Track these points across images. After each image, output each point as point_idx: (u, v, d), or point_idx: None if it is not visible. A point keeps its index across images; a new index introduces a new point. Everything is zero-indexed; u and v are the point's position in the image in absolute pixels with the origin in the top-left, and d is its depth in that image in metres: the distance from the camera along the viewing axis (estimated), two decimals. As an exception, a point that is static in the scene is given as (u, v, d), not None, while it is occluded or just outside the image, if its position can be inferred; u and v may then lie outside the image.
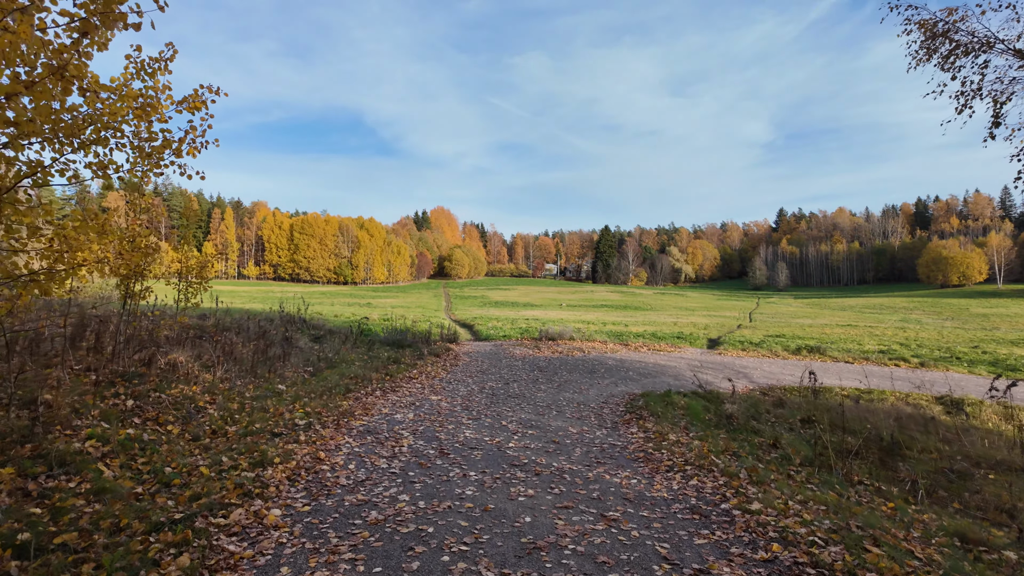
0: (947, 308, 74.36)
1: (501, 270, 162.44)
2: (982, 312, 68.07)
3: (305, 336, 15.66)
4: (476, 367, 13.54)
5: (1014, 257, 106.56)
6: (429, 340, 17.25)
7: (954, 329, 41.20)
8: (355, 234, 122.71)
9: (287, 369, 11.48)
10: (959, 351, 23.06)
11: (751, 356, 18.23)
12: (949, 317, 59.96)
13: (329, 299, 67.37)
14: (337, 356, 13.54)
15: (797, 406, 10.72)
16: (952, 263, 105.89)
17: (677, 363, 15.53)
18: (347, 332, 16.60)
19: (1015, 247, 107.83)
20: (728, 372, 14.22)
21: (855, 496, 5.65)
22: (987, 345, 26.39)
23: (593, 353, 16.85)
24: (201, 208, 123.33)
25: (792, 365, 16.10)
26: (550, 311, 53.87)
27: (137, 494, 5.33)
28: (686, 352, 18.68)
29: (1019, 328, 47.42)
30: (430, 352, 15.03)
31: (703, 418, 9.01)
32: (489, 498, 5.02)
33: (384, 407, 8.95)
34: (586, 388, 11.33)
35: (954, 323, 51.82)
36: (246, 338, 13.42)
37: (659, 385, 12.20)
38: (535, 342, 19.06)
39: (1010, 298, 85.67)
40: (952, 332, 35.83)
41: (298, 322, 16.44)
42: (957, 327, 45.11)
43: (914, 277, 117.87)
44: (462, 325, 32.21)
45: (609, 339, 21.15)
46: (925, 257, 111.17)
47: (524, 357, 15.51)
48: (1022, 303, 78.48)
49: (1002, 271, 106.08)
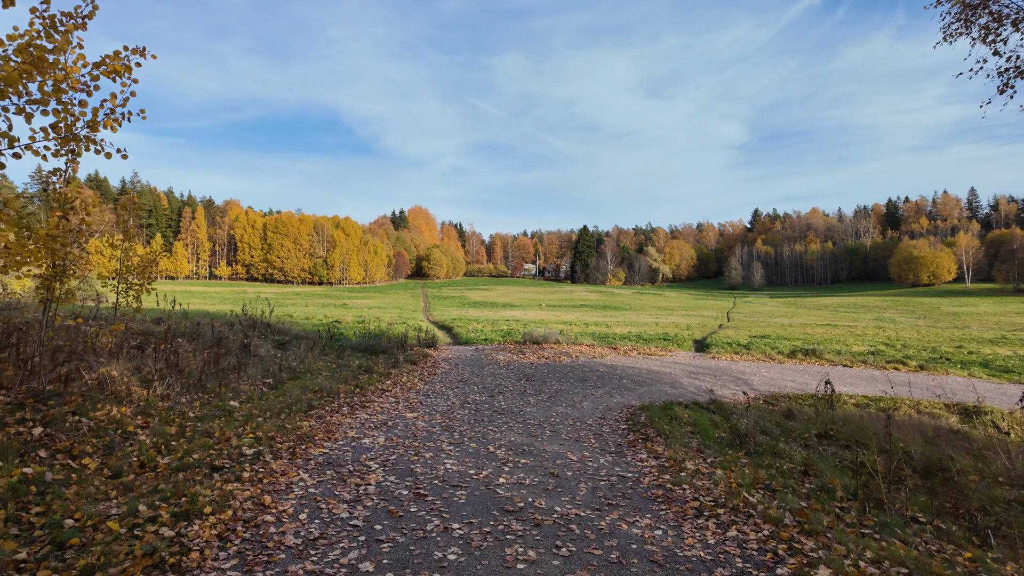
0: (919, 307, 75.90)
1: (480, 270, 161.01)
2: (953, 311, 69.56)
3: (268, 342, 14.27)
4: (457, 376, 12.34)
5: (981, 257, 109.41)
6: (405, 345, 15.99)
7: (929, 328, 41.55)
8: (330, 233, 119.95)
9: (243, 382, 10.12)
10: (944, 351, 22.69)
11: (745, 360, 17.42)
12: (921, 316, 61.03)
13: (303, 300, 65.26)
14: (302, 365, 12.20)
15: (809, 418, 9.81)
16: (923, 263, 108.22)
17: (671, 369, 14.59)
18: (315, 337, 15.24)
19: (982, 247, 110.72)
20: (726, 378, 13.31)
21: (922, 543, 4.65)
22: (969, 344, 26.19)
23: (581, 358, 15.79)
24: (171, 207, 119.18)
25: (791, 370, 15.30)
26: (530, 311, 53.06)
27: (19, 562, 4.04)
28: (678, 356, 17.78)
29: (988, 326, 48.27)
30: (406, 359, 13.79)
31: (714, 436, 8.00)
32: (478, 565, 3.87)
33: (351, 428, 7.70)
34: (579, 400, 10.24)
35: (927, 321, 52.55)
36: (200, 345, 12.00)
37: (657, 395, 11.19)
38: (519, 346, 17.94)
39: (978, 296, 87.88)
40: (929, 331, 35.89)
41: (261, 326, 15.01)
42: (931, 325, 45.66)
43: (886, 276, 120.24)
44: (441, 327, 30.92)
45: (595, 342, 20.17)
46: (897, 257, 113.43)
47: (508, 364, 14.37)
48: (990, 301, 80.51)
49: (970, 270, 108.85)
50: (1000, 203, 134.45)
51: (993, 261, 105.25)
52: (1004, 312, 68.02)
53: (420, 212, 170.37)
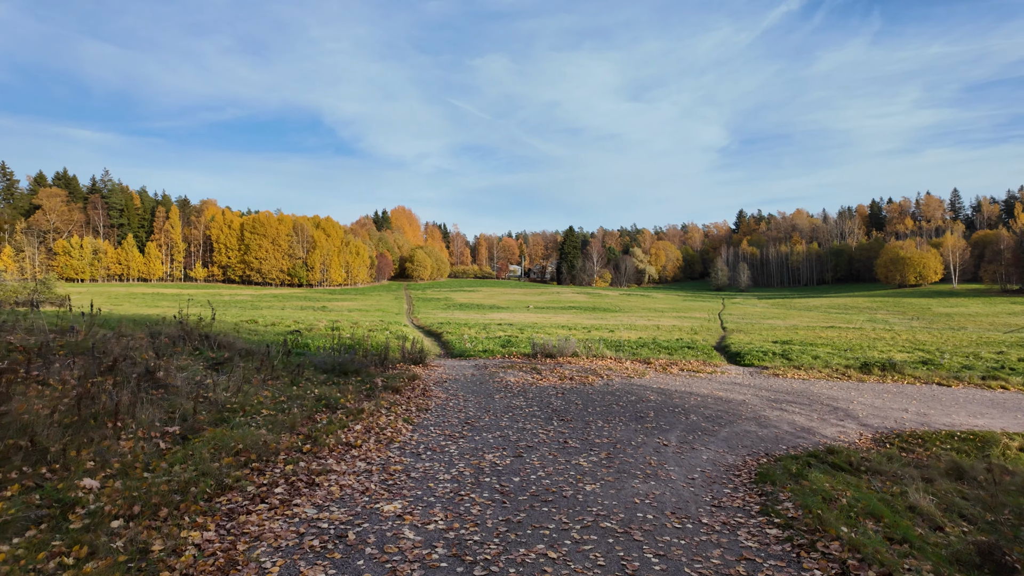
0: (909, 308, 74.78)
1: (464, 271, 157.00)
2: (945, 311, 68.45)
3: (200, 361, 10.47)
4: (457, 412, 8.77)
5: (968, 257, 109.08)
6: (386, 361, 12.35)
7: (923, 328, 39.90)
8: (310, 234, 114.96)
9: (127, 434, 6.43)
10: (986, 356, 19.77)
11: (812, 377, 14.05)
12: (914, 317, 59.52)
13: (279, 303, 60.95)
14: (237, 398, 8.50)
15: (990, 480, 6.50)
16: (909, 263, 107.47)
17: (739, 394, 11.14)
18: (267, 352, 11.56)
19: (968, 247, 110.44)
20: (816, 407, 9.96)
21: None
22: (1011, 351, 23.31)
23: (614, 379, 12.27)
24: (144, 206, 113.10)
25: (886, 392, 11.98)
26: (518, 313, 50.01)
27: None
28: (729, 373, 14.33)
29: (985, 327, 46.65)
30: (386, 384, 10.15)
31: (914, 535, 4.61)
32: None
33: (276, 552, 4.09)
34: (655, 459, 6.70)
35: (921, 323, 50.79)
36: (93, 369, 8.22)
37: (747, 440, 7.77)
38: (529, 361, 14.40)
39: (966, 297, 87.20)
40: (944, 334, 33.32)
41: (197, 337, 11.24)
42: (925, 327, 43.91)
43: (871, 277, 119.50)
44: (428, 333, 27.23)
45: (614, 352, 16.78)
46: (883, 257, 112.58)
47: (525, 389, 10.79)
48: (979, 302, 79.69)
49: (957, 271, 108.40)
50: (983, 204, 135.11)
51: (979, 262, 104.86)
52: (996, 312, 67.06)
53: (403, 213, 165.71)
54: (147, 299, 58.87)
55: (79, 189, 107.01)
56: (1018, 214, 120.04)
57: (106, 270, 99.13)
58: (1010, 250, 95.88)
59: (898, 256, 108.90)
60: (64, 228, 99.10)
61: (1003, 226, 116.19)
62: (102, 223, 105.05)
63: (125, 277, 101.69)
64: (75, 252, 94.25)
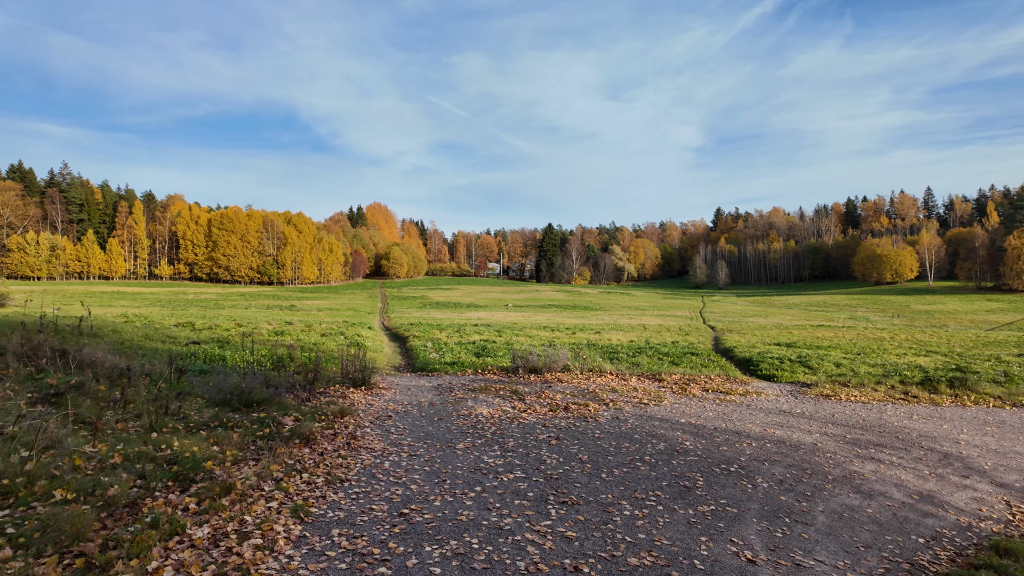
0: (888, 305, 74.78)
1: (442, 269, 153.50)
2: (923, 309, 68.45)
3: (33, 389, 7.32)
4: (392, 484, 5.87)
5: (943, 255, 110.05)
6: (314, 383, 9.56)
7: (906, 326, 39.12)
8: (281, 230, 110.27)
9: None
10: (1008, 359, 17.83)
11: (871, 398, 11.03)
12: (894, 315, 59.10)
13: (245, 301, 57.16)
14: (36, 464, 5.41)
15: None
16: (886, 261, 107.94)
17: (801, 431, 8.40)
18: (149, 371, 8.73)
19: (944, 245, 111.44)
20: (920, 455, 7.26)
21: None
22: (1001, 348, 21.49)
23: (625, 407, 9.52)
24: (106, 201, 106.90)
25: (977, 420, 9.38)
26: (496, 312, 47.46)
27: None
28: (767, 395, 11.36)
29: (966, 324, 46.01)
30: (298, 426, 7.38)
31: None
32: None
33: None
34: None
35: (902, 320, 50.02)
36: None
37: (863, 527, 5.22)
38: (508, 378, 11.70)
39: (943, 295, 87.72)
40: (937, 333, 31.87)
41: (49, 352, 8.30)
42: (907, 324, 43.06)
43: (848, 275, 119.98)
44: (394, 337, 24.39)
45: (605, 360, 14.31)
46: (860, 255, 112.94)
47: (501, 430, 8.05)
48: (956, 299, 79.97)
49: (932, 269, 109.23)
50: (956, 203, 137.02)
51: (954, 259, 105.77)
52: (974, 310, 67.24)
53: (379, 209, 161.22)
54: (104, 298, 54.54)
55: (36, 183, 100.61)
56: (991, 212, 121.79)
57: (64, 267, 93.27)
58: (985, 248, 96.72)
59: (875, 254, 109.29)
60: (19, 223, 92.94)
61: (977, 224, 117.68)
62: (60, 218, 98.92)
63: (85, 275, 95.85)
64: (30, 249, 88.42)
